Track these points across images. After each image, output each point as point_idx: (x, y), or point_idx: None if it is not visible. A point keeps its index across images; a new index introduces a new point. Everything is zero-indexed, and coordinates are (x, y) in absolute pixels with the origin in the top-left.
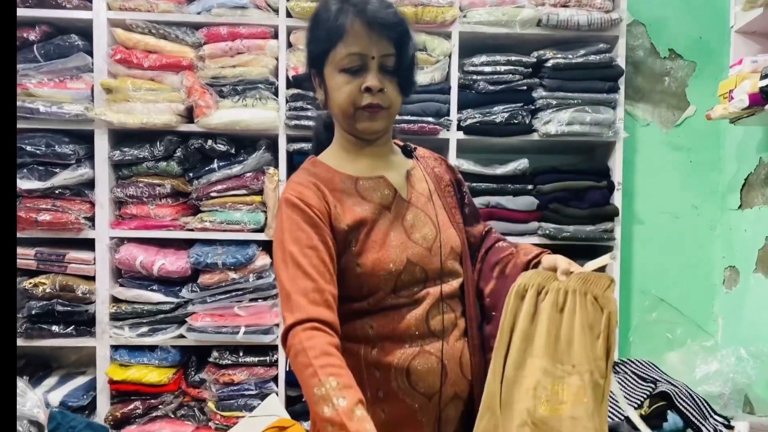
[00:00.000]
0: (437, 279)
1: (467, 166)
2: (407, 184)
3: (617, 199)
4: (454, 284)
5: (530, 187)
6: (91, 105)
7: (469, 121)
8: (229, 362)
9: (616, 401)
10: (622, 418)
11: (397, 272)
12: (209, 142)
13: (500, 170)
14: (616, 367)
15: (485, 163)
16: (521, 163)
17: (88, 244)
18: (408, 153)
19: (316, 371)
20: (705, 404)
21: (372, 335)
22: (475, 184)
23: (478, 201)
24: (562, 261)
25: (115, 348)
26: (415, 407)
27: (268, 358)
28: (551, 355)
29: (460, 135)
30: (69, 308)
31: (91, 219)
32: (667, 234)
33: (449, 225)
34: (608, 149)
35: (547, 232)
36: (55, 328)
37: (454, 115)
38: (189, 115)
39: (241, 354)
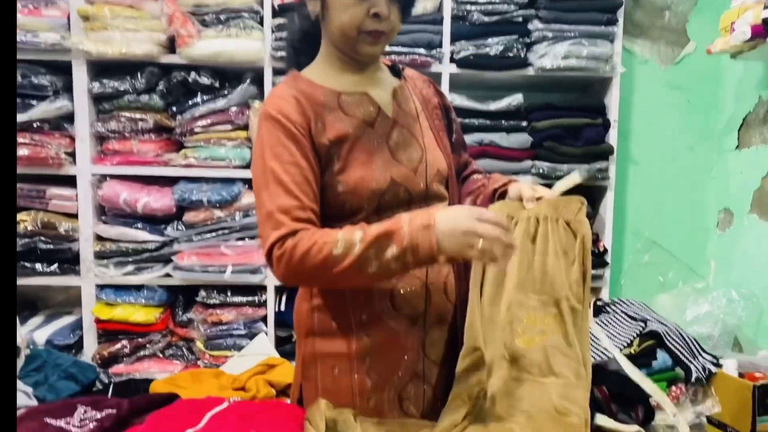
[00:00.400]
0: (422, 202)
1: (460, 101)
2: (393, 103)
3: (613, 137)
4: (439, 207)
5: (524, 124)
6: (67, 34)
7: (462, 54)
8: (217, 302)
9: (599, 341)
10: (611, 355)
11: (380, 192)
12: (192, 74)
13: (494, 106)
14: (607, 307)
15: (478, 98)
16: (515, 99)
17: (70, 181)
18: (396, 72)
19: (320, 243)
20: (694, 343)
21: None
22: (467, 120)
23: (471, 138)
24: (526, 189)
25: (101, 287)
26: (400, 331)
27: (256, 298)
28: (525, 286)
29: (453, 68)
30: (52, 246)
31: (72, 154)
32: (662, 175)
33: (436, 147)
34: (604, 86)
35: (541, 170)
36: (38, 266)
37: (446, 48)
38: (171, 46)
39: (228, 294)
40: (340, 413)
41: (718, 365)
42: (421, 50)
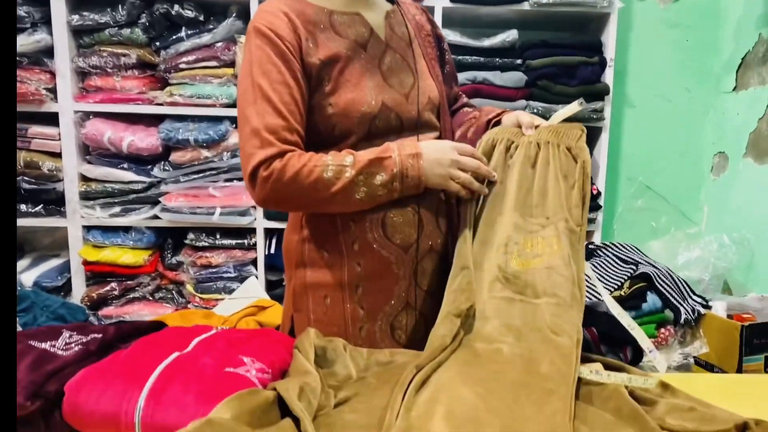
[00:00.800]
0: (413, 130)
1: (453, 37)
2: (386, 26)
3: (609, 77)
4: (430, 137)
5: (519, 62)
6: None
7: None
8: (206, 244)
9: (593, 284)
10: (602, 297)
11: (372, 116)
12: (176, 7)
13: (488, 42)
14: (598, 251)
15: (472, 35)
16: (510, 35)
17: (52, 119)
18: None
19: (309, 167)
20: (685, 286)
21: None
22: (460, 57)
23: (464, 76)
24: (524, 116)
25: (88, 229)
26: (391, 259)
27: (246, 240)
28: (523, 209)
29: (446, 2)
30: (35, 186)
31: (53, 91)
32: (658, 118)
33: (428, 75)
34: (601, 23)
35: (535, 110)
36: (22, 206)
37: None
38: None
39: (217, 236)
40: (329, 341)
41: (707, 307)
42: None
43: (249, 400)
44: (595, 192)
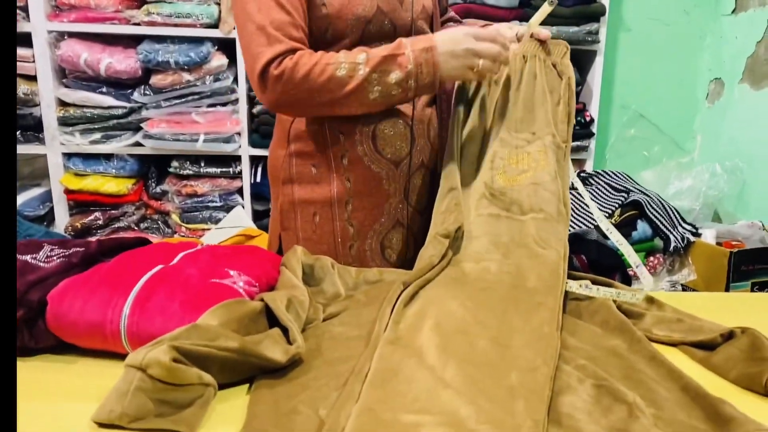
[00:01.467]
0: (406, 36)
1: None
2: None
3: None
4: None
5: None
6: None
7: None
8: (191, 173)
9: (589, 211)
10: (592, 226)
11: (365, 19)
12: None
13: None
14: (590, 179)
15: None
16: None
17: (25, 40)
18: None
19: (322, 64)
20: (675, 213)
21: None
22: None
23: None
24: (505, 29)
25: (68, 156)
26: (382, 175)
27: (231, 169)
28: (508, 124)
29: None
30: None
31: (25, 10)
32: (654, 42)
33: None
34: None
35: None
36: None
37: None
38: None
39: (202, 164)
40: (317, 259)
41: (696, 234)
42: None
43: (236, 308)
44: (588, 118)
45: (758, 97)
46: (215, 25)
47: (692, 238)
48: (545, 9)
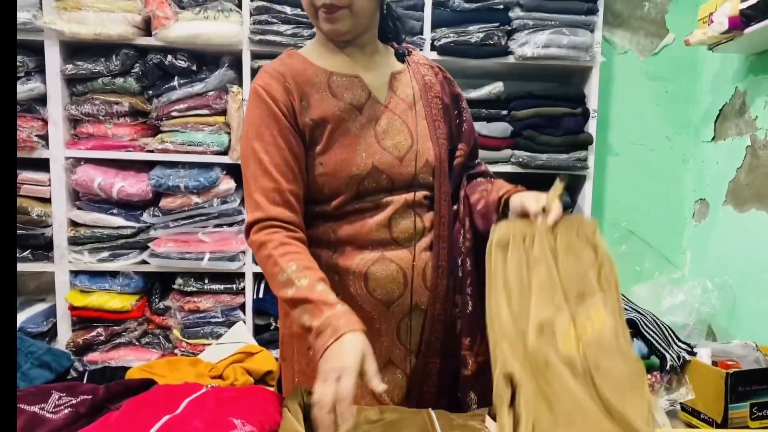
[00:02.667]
0: (406, 188)
1: None
2: (388, 88)
3: (592, 127)
4: (422, 194)
5: (504, 112)
6: (39, 13)
7: (443, 41)
8: (194, 289)
9: None
10: None
11: (360, 177)
12: (169, 57)
13: (474, 94)
14: None
15: (459, 86)
16: (496, 87)
17: (43, 165)
18: (400, 57)
19: (276, 260)
20: (670, 332)
21: (334, 239)
22: None
23: None
24: (530, 201)
25: (75, 274)
26: (374, 315)
27: (234, 285)
28: (553, 296)
29: (434, 55)
30: (24, 231)
31: (45, 138)
32: (639, 166)
33: (428, 137)
34: (584, 76)
35: (521, 159)
36: None
37: (427, 34)
38: (147, 28)
39: (206, 281)
40: None
41: (692, 353)
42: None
43: None
44: None
45: (742, 219)
46: (224, 152)
47: (688, 357)
48: (558, 188)
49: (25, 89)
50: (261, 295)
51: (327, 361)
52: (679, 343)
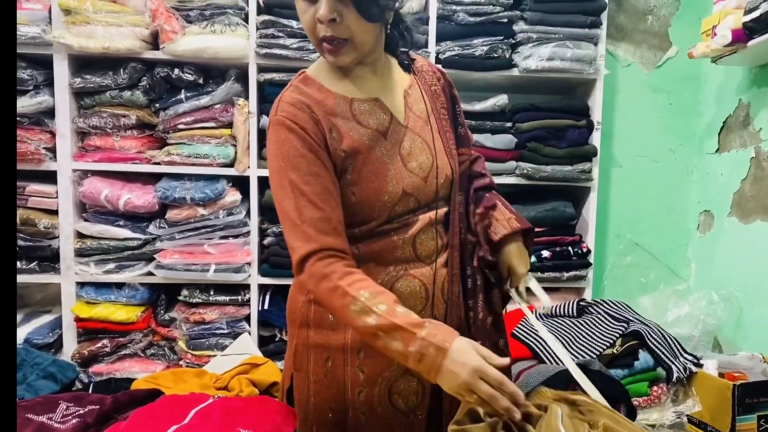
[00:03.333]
0: (429, 206)
1: None
2: (405, 107)
3: (596, 139)
4: (442, 212)
5: (509, 125)
6: (48, 27)
7: (447, 54)
8: (200, 301)
9: (590, 340)
10: (594, 355)
11: (392, 203)
12: (176, 70)
13: (479, 106)
14: (589, 308)
15: (464, 99)
16: (500, 99)
17: (50, 177)
18: (406, 68)
19: (345, 290)
20: (676, 343)
21: (357, 255)
22: None
23: None
24: (520, 266)
25: (81, 285)
26: None
27: (239, 297)
28: None
29: (439, 67)
30: (31, 243)
31: (52, 150)
32: (644, 177)
33: (444, 153)
34: (588, 88)
35: (525, 171)
36: (17, 263)
37: (432, 48)
38: (154, 42)
39: (211, 293)
40: None
41: (698, 365)
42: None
43: None
44: (585, 249)
45: (748, 231)
46: (230, 164)
47: (694, 369)
48: (534, 286)
49: (33, 102)
50: (266, 306)
51: (452, 377)
52: (686, 355)
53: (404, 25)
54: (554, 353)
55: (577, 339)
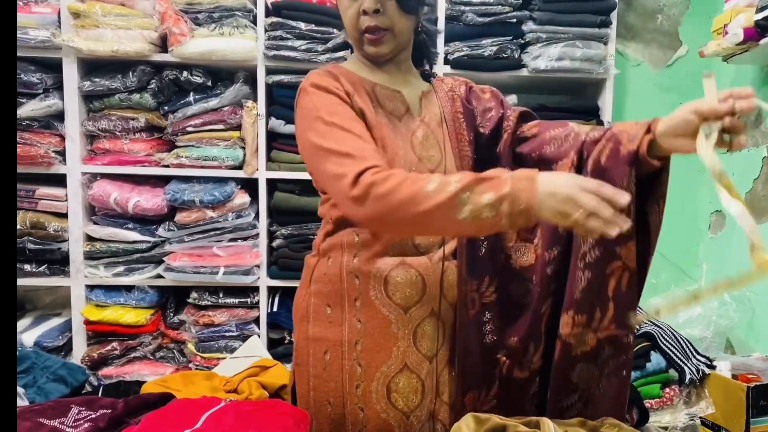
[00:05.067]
0: None
1: None
2: (420, 105)
3: None
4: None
5: None
6: (58, 31)
7: (456, 55)
8: (209, 303)
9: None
10: None
11: None
12: (185, 73)
13: None
14: None
15: None
16: (510, 99)
17: (60, 180)
18: (426, 78)
19: (413, 180)
20: (688, 345)
21: (356, 242)
22: None
23: None
24: (701, 105)
25: (91, 288)
26: (391, 318)
27: (249, 299)
28: None
29: (447, 69)
30: (41, 246)
31: (62, 153)
32: None
33: (452, 155)
34: (598, 88)
35: None
36: (27, 266)
37: (441, 48)
38: (162, 44)
39: (221, 295)
40: None
41: (711, 367)
42: None
43: None
44: None
45: (760, 230)
46: (239, 167)
47: (707, 371)
48: (709, 84)
49: (43, 106)
50: (275, 309)
51: (553, 197)
52: (698, 356)
53: (427, 33)
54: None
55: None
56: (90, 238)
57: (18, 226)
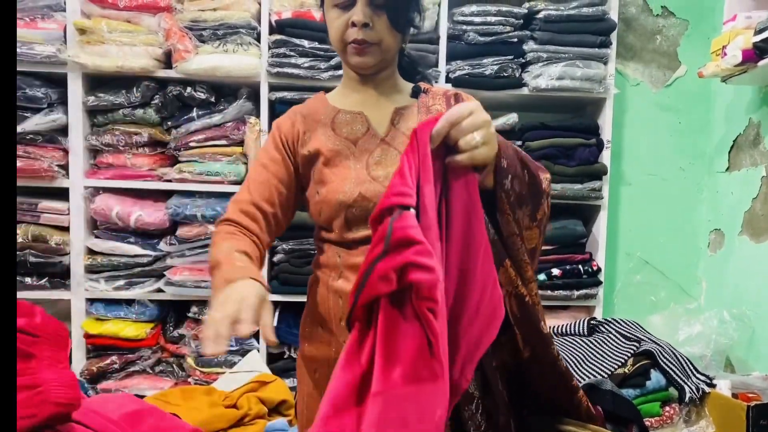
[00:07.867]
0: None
1: None
2: (390, 122)
3: (606, 157)
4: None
5: (519, 143)
6: (63, 46)
7: (458, 73)
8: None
9: (600, 360)
10: (606, 374)
11: (346, 205)
12: (188, 89)
13: None
14: (600, 326)
15: None
16: (510, 118)
17: (62, 194)
18: (414, 95)
19: (216, 241)
20: (688, 363)
21: (339, 263)
22: None
23: None
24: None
25: (91, 301)
26: None
27: None
28: None
29: (449, 87)
30: (42, 259)
31: (65, 167)
32: (653, 196)
33: None
34: (598, 106)
35: None
36: (27, 279)
37: (442, 67)
38: (167, 60)
39: None
40: None
41: (711, 385)
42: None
43: None
44: (595, 268)
45: (759, 249)
46: (241, 182)
47: (707, 389)
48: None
49: (47, 120)
50: (276, 323)
51: (223, 295)
52: (698, 375)
53: (409, 57)
54: None
55: (589, 358)
56: (91, 252)
57: (19, 239)
